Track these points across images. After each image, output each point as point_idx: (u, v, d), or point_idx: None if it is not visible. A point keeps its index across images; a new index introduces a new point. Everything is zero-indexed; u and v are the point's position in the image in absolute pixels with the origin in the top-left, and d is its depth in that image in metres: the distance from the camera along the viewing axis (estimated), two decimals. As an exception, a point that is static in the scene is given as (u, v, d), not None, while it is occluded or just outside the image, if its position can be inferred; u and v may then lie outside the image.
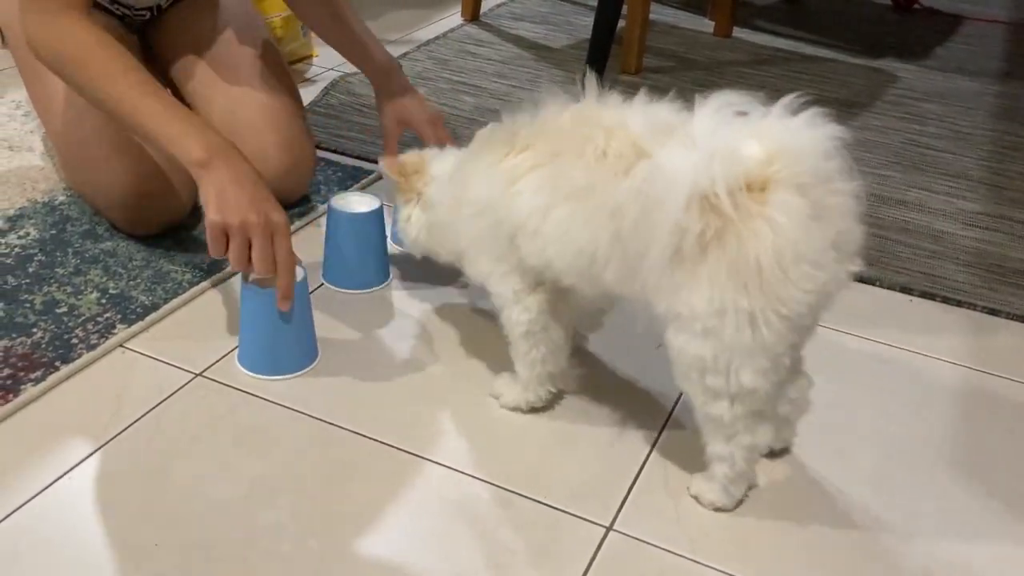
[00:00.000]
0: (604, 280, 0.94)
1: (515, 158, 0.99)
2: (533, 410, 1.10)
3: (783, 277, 0.84)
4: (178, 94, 1.52)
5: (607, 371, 1.19)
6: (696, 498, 1.00)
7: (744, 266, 0.84)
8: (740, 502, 1.00)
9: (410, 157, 1.17)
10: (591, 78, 0.97)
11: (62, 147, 1.41)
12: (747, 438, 0.95)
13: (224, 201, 1.08)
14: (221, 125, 1.44)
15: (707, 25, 2.42)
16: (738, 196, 0.83)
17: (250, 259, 1.08)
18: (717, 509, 0.99)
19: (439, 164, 1.15)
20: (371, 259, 1.32)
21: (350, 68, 2.02)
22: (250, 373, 1.14)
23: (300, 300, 1.12)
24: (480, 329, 1.25)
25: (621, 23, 2.05)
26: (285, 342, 1.14)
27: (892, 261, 1.45)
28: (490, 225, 1.02)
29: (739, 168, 0.83)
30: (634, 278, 0.91)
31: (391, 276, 1.35)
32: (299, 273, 1.12)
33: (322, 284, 1.32)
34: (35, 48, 1.19)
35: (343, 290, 1.31)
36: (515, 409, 1.10)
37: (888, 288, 1.39)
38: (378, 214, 1.30)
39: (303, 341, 1.16)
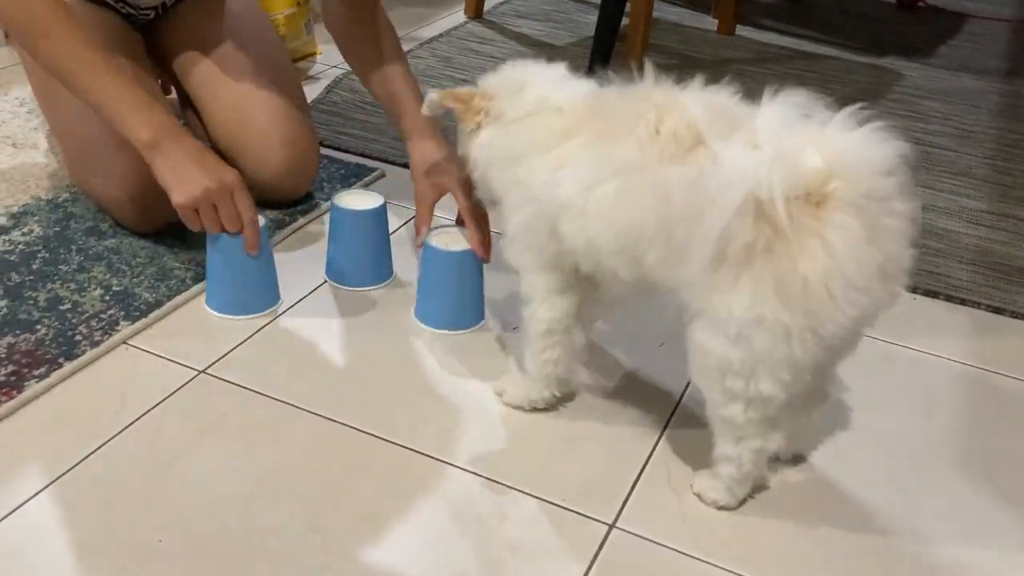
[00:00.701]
0: (645, 263, 0.92)
1: (565, 146, 0.97)
2: (535, 410, 1.10)
3: (829, 300, 0.83)
4: (183, 92, 1.52)
5: (611, 369, 1.19)
6: (698, 495, 0.99)
7: (791, 282, 0.83)
8: (743, 501, 1.00)
9: (468, 92, 1.07)
10: (648, 64, 0.95)
11: (67, 144, 1.41)
12: (757, 442, 0.95)
13: (182, 180, 1.17)
14: (225, 123, 1.44)
15: (710, 23, 2.42)
16: (794, 207, 0.80)
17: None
18: (720, 508, 0.99)
19: (506, 81, 1.05)
20: (374, 257, 1.32)
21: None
22: (219, 314, 1.22)
23: (262, 245, 1.21)
24: (484, 327, 1.25)
25: (624, 21, 2.05)
26: (252, 284, 1.23)
27: (896, 259, 1.44)
28: (533, 215, 1.00)
29: (800, 178, 0.81)
30: (675, 267, 0.89)
31: (394, 273, 1.34)
32: (260, 220, 1.21)
33: (325, 282, 1.32)
34: (4, 22, 1.22)
35: (346, 287, 1.31)
36: (517, 407, 1.10)
37: (892, 286, 1.39)
38: (381, 211, 1.29)
39: (268, 283, 1.25)
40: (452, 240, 1.22)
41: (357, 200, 1.30)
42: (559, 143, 0.98)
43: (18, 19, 1.18)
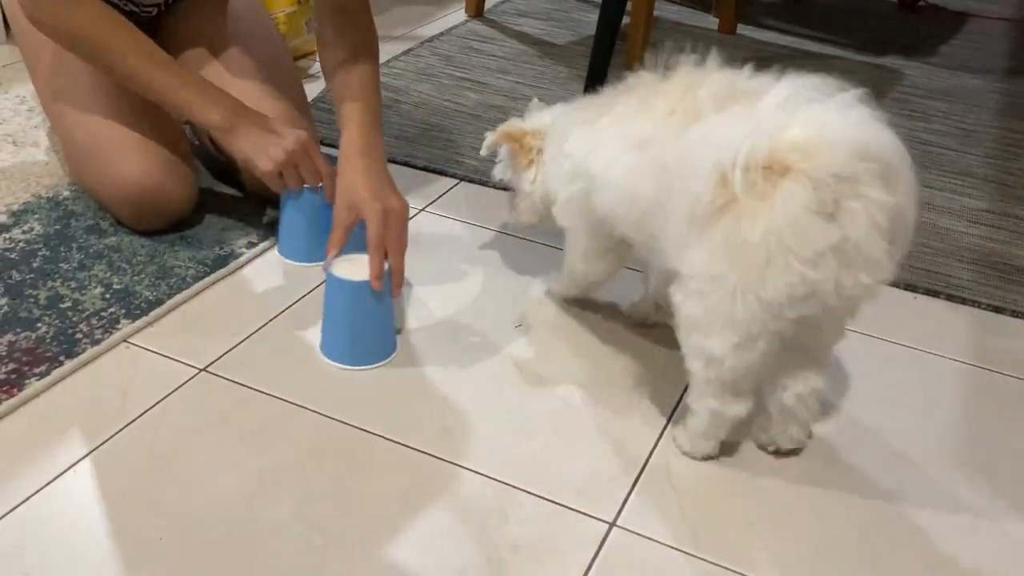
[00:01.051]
0: (647, 230, 1.01)
1: (605, 119, 1.07)
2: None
3: (767, 262, 0.86)
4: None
5: (611, 368, 1.19)
6: (673, 439, 1.06)
7: (737, 242, 0.87)
8: (711, 458, 1.04)
9: (514, 122, 1.24)
10: (713, 52, 1.01)
11: (68, 142, 1.41)
12: (711, 402, 0.99)
13: (264, 150, 1.26)
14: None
15: (711, 22, 2.42)
16: (753, 175, 0.84)
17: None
18: (684, 453, 1.04)
19: (545, 119, 1.22)
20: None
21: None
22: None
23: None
24: (487, 326, 1.25)
25: (625, 20, 2.05)
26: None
27: (896, 258, 1.44)
28: (580, 189, 1.11)
29: (762, 150, 0.84)
30: (664, 231, 0.96)
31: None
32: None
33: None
34: (50, 32, 1.27)
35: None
36: (558, 295, 1.28)
37: (892, 285, 1.38)
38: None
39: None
40: (359, 268, 1.13)
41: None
42: (600, 118, 1.09)
43: (72, 42, 1.27)
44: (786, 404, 1.02)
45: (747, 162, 0.84)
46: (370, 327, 1.16)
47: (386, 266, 1.14)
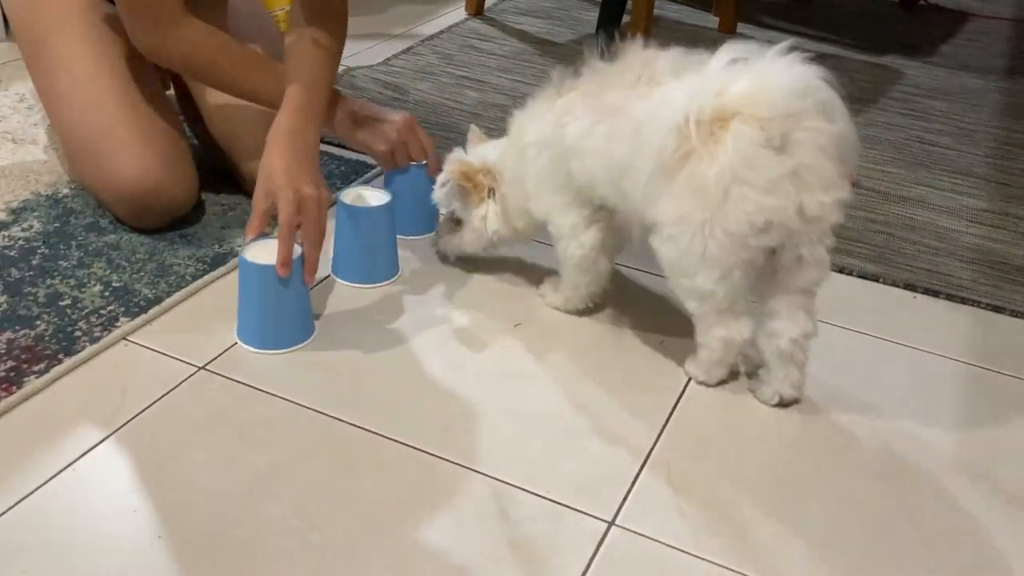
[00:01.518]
0: (624, 191, 1.09)
1: (563, 99, 1.15)
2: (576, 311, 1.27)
3: (723, 196, 0.98)
4: (181, 86, 1.52)
5: (611, 367, 1.19)
6: (688, 375, 1.16)
7: (698, 184, 0.99)
8: (723, 382, 1.14)
9: (464, 159, 1.28)
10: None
11: (68, 140, 1.41)
12: (719, 331, 1.09)
13: (375, 134, 1.37)
14: (222, 118, 1.44)
15: (711, 21, 2.42)
16: (705, 126, 0.97)
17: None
18: (699, 383, 1.14)
19: (494, 154, 1.27)
20: (381, 254, 1.32)
21: (354, 63, 2.02)
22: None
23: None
24: (487, 325, 1.25)
25: (625, 19, 2.05)
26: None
27: (896, 258, 1.44)
28: (550, 160, 1.17)
29: (710, 103, 0.97)
30: (636, 189, 1.06)
31: (400, 271, 1.34)
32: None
33: (326, 277, 1.32)
34: (158, 58, 1.33)
35: (351, 284, 1.31)
36: (555, 308, 1.27)
37: (892, 285, 1.39)
38: (388, 208, 1.29)
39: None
40: (271, 252, 1.13)
41: (363, 197, 1.30)
42: (554, 102, 1.16)
43: (184, 65, 1.35)
44: (784, 350, 1.08)
45: (699, 115, 0.96)
46: (280, 312, 1.17)
47: (299, 251, 1.15)
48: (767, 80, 0.98)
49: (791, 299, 1.07)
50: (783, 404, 1.12)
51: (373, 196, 1.30)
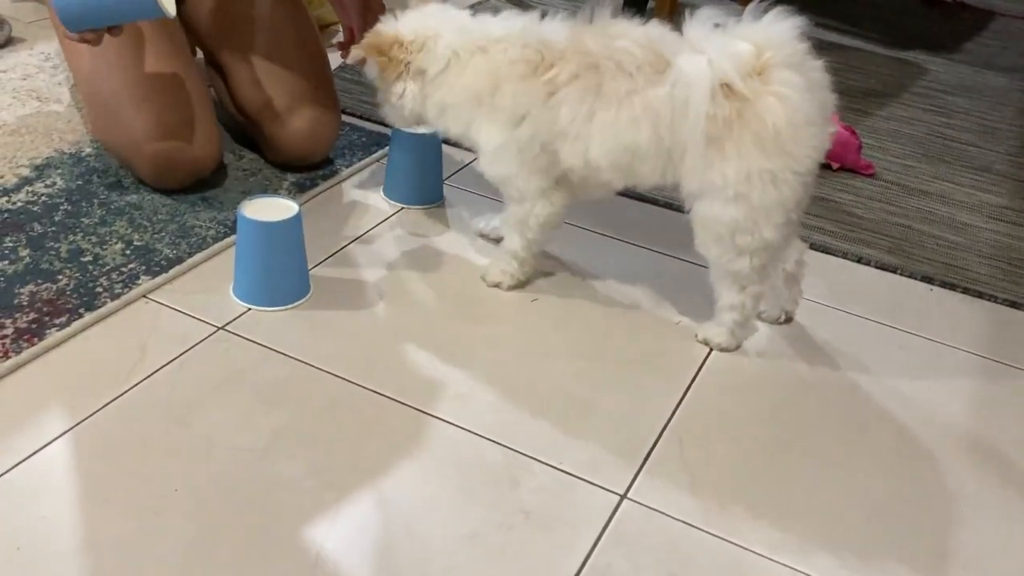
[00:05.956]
0: (639, 174, 1.13)
1: (548, 74, 1.11)
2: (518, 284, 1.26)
3: (796, 137, 1.04)
4: (212, 55, 1.52)
5: (627, 343, 1.19)
6: (705, 342, 1.18)
7: (764, 134, 1.03)
8: (737, 364, 1.17)
9: (382, 29, 1.18)
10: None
11: (92, 98, 1.41)
12: (758, 287, 1.15)
13: None
14: (249, 84, 1.45)
15: (736, 10, 2.40)
16: (748, 81, 1.02)
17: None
18: (722, 350, 1.17)
19: (421, 29, 1.16)
20: (431, 177, 1.45)
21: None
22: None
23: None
24: (505, 298, 1.26)
25: (650, 5, 2.05)
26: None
27: (914, 250, 1.44)
28: (529, 136, 1.14)
29: (741, 59, 1.03)
30: (669, 167, 1.10)
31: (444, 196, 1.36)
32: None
33: (344, 246, 1.32)
34: None
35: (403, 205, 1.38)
36: (498, 284, 1.26)
37: (909, 276, 1.39)
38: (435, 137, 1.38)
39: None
40: (267, 208, 1.16)
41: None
42: (537, 73, 1.12)
43: None
44: (790, 271, 1.20)
45: (739, 73, 1.02)
46: (280, 268, 1.19)
47: (296, 210, 1.17)
48: (773, 32, 1.04)
49: (791, 228, 1.14)
50: (788, 320, 1.23)
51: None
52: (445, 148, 1.46)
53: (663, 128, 1.07)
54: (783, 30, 1.04)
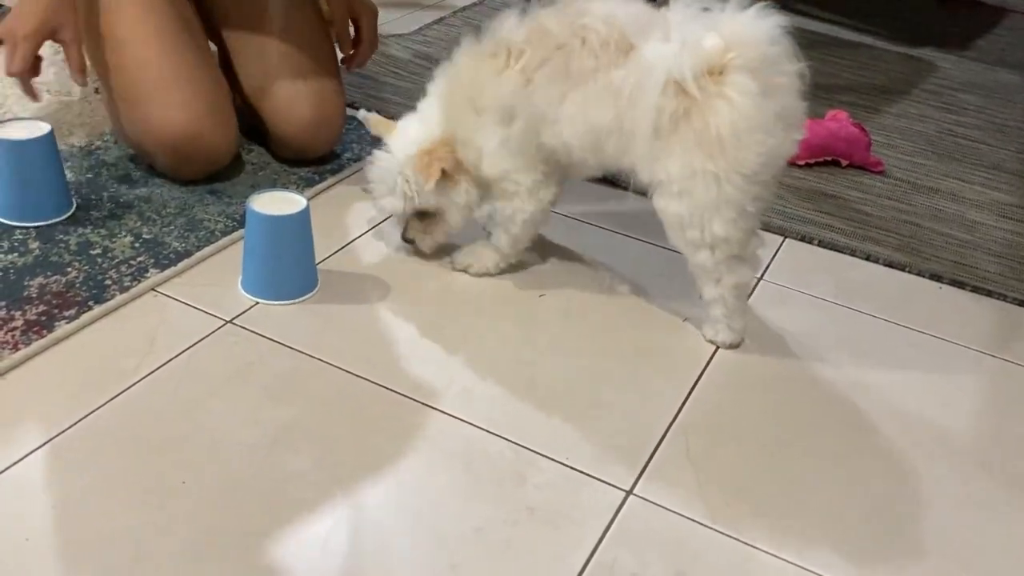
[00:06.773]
0: (606, 153, 1.12)
1: (519, 63, 1.12)
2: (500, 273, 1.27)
3: (738, 144, 1.03)
4: (222, 44, 1.52)
5: (633, 340, 1.19)
6: (712, 342, 1.18)
7: (708, 136, 1.03)
8: (743, 363, 1.16)
9: (408, 153, 1.20)
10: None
11: (111, 87, 1.40)
12: (731, 279, 1.13)
13: None
14: (256, 73, 1.45)
15: (746, 5, 2.40)
16: (701, 81, 1.01)
17: None
18: (728, 347, 1.17)
19: (428, 127, 1.20)
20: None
21: (385, 31, 2.02)
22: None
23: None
24: (513, 294, 1.26)
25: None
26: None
27: (923, 248, 1.44)
28: (520, 129, 1.15)
29: (702, 58, 1.01)
30: (627, 151, 1.10)
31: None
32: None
33: (354, 239, 1.33)
34: None
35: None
36: (484, 274, 1.26)
37: (918, 274, 1.38)
38: None
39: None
40: (275, 202, 1.17)
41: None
42: (507, 62, 1.13)
43: None
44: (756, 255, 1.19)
45: (694, 72, 1.00)
46: (289, 262, 1.19)
47: (304, 204, 1.17)
48: (745, 31, 1.02)
49: (752, 222, 1.13)
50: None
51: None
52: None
53: (623, 108, 1.07)
54: (758, 30, 1.02)
